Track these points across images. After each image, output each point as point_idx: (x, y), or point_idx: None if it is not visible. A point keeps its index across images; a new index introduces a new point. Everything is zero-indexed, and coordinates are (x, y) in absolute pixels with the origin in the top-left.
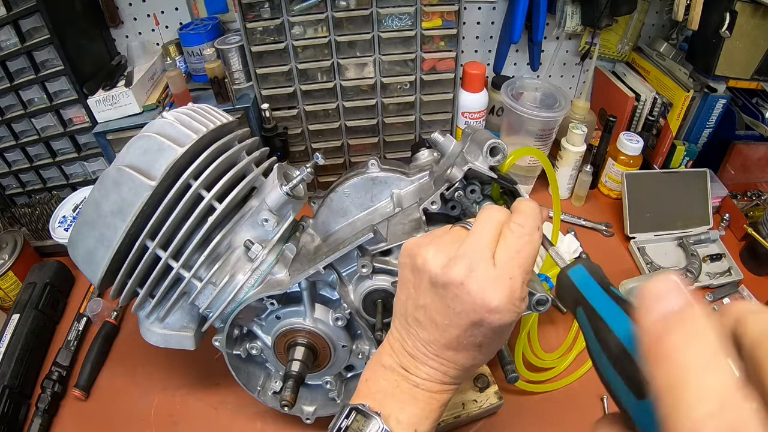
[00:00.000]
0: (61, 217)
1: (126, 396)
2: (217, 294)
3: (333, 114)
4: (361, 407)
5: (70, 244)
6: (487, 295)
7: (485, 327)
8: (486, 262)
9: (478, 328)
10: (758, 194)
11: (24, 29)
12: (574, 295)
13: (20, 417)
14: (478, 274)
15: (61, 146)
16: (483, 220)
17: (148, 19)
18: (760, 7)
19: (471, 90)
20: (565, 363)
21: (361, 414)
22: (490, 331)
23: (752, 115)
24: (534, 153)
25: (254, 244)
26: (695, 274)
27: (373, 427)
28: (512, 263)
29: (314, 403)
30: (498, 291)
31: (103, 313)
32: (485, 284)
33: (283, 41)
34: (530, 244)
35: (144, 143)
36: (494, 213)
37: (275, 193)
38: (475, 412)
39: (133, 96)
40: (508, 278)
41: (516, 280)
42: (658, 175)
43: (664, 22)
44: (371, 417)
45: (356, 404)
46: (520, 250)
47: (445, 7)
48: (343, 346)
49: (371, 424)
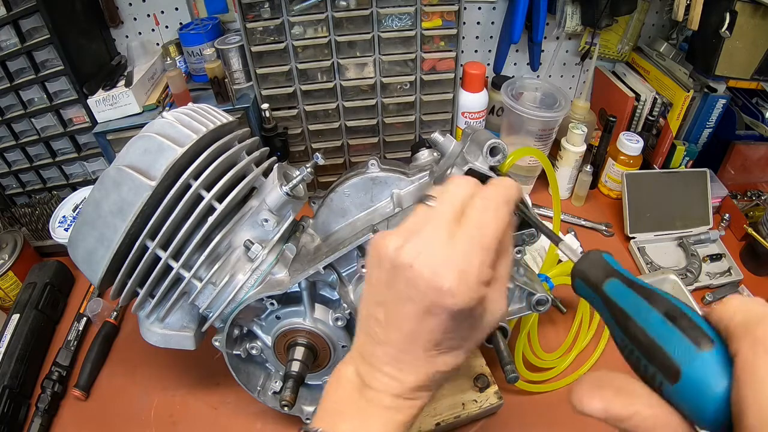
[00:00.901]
0: (61, 217)
1: (126, 396)
2: (217, 294)
3: (333, 114)
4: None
5: (70, 244)
6: (438, 276)
7: (439, 315)
8: (440, 240)
9: (432, 317)
10: (758, 194)
11: (24, 29)
12: (605, 268)
13: (20, 417)
14: (429, 252)
15: (61, 146)
16: (444, 194)
17: (148, 19)
18: (760, 7)
19: (471, 90)
20: (565, 363)
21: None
22: (446, 320)
23: (752, 115)
24: (534, 153)
25: (254, 244)
26: (695, 274)
27: None
28: (471, 241)
29: (314, 403)
30: (450, 271)
31: (103, 313)
32: (436, 264)
33: (283, 41)
34: (495, 221)
35: (144, 143)
36: (458, 186)
37: (275, 193)
38: (475, 412)
39: (133, 96)
40: (463, 257)
41: (473, 259)
42: (658, 175)
43: (664, 22)
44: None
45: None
46: (481, 227)
47: (445, 7)
48: (343, 346)
49: None
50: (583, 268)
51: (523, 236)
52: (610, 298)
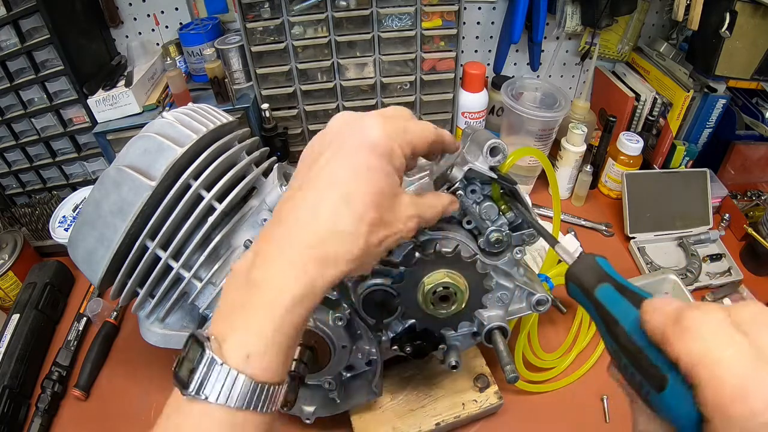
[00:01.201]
0: (61, 217)
1: (126, 396)
2: (217, 294)
3: (333, 114)
4: (196, 334)
5: (70, 244)
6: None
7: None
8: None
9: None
10: (758, 194)
11: (24, 29)
12: (598, 273)
13: (20, 417)
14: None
15: (61, 146)
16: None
17: (148, 19)
18: (760, 7)
19: (471, 90)
20: (565, 363)
21: (196, 342)
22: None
23: (752, 115)
24: (534, 153)
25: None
26: (695, 274)
27: (205, 357)
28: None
29: (314, 403)
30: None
31: (103, 313)
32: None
33: (283, 41)
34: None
35: (144, 143)
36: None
37: (275, 193)
38: (475, 412)
39: (133, 96)
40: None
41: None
42: (658, 175)
43: (664, 22)
44: (203, 343)
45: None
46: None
47: (445, 7)
48: (343, 346)
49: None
50: (576, 272)
51: (523, 236)
52: (601, 303)
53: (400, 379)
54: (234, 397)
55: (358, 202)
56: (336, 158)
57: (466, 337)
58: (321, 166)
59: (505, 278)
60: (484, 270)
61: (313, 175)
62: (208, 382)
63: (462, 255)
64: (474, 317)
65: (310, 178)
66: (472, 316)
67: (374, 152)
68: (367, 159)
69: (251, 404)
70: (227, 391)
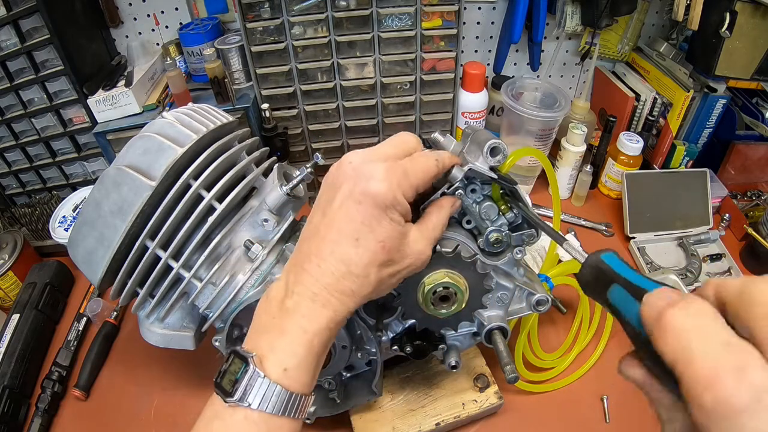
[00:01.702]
0: (61, 217)
1: (126, 396)
2: (217, 294)
3: (333, 114)
4: (239, 350)
5: (70, 244)
6: (368, 165)
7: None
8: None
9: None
10: (758, 194)
11: (24, 29)
12: (606, 275)
13: (20, 417)
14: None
15: (61, 146)
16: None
17: (148, 19)
18: (760, 7)
19: (471, 90)
20: (565, 363)
21: (238, 357)
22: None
23: (752, 115)
24: (534, 153)
25: (254, 244)
26: (695, 274)
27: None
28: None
29: (314, 403)
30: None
31: (103, 313)
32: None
33: (283, 41)
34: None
35: (144, 143)
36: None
37: (275, 193)
38: (475, 412)
39: (133, 96)
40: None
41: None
42: (658, 175)
43: (664, 22)
44: (246, 359)
45: (236, 348)
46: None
47: (445, 7)
48: (343, 346)
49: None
50: (586, 277)
51: (523, 236)
52: (614, 306)
53: (400, 379)
54: (273, 404)
55: (368, 249)
56: (347, 204)
57: (466, 337)
58: (335, 209)
59: (505, 278)
60: (484, 270)
61: (328, 219)
62: (251, 391)
63: (462, 255)
64: (474, 317)
65: (327, 221)
66: (472, 316)
67: (379, 206)
68: (372, 210)
69: (286, 410)
70: (267, 400)
